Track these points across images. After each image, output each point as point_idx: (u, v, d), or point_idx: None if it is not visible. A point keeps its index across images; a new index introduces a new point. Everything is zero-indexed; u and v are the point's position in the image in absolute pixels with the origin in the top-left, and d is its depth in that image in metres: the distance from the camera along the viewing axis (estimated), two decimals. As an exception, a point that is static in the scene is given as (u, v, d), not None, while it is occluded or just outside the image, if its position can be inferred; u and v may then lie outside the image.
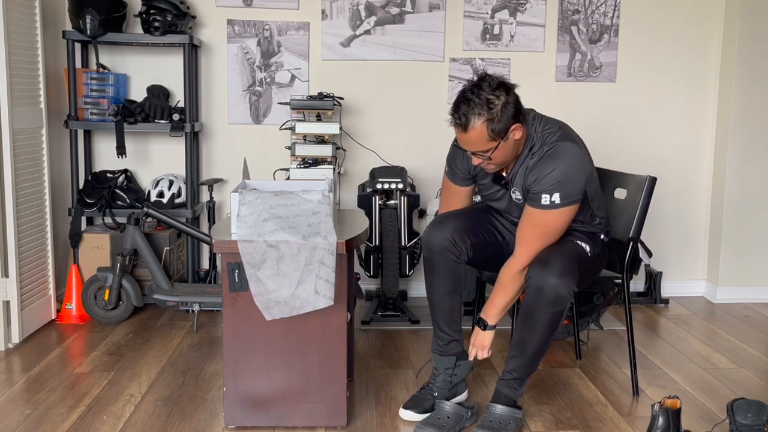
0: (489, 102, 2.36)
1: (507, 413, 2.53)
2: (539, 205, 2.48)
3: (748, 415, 2.37)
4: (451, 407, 2.58)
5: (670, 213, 4.47)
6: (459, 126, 2.41)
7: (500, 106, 2.37)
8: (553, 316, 2.46)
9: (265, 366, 2.55)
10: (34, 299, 3.57)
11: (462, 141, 2.46)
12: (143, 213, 3.74)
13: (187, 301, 3.63)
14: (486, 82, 2.40)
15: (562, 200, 2.46)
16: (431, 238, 2.65)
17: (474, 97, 2.38)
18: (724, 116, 4.31)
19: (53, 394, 2.87)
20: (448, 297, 2.71)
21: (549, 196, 2.46)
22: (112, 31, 3.89)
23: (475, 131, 2.39)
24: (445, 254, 2.63)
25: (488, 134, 2.39)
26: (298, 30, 4.22)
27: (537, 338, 2.49)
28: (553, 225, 2.51)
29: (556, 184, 2.44)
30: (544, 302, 2.43)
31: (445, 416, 2.56)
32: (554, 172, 2.44)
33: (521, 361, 2.54)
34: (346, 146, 4.24)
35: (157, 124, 3.97)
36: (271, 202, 2.47)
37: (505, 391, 2.57)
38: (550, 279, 2.41)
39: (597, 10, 4.29)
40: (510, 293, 2.60)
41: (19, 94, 3.40)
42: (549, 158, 2.47)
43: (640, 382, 3.05)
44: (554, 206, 2.47)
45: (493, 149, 2.43)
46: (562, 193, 2.45)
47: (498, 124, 2.38)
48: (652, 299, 4.30)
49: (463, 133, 2.42)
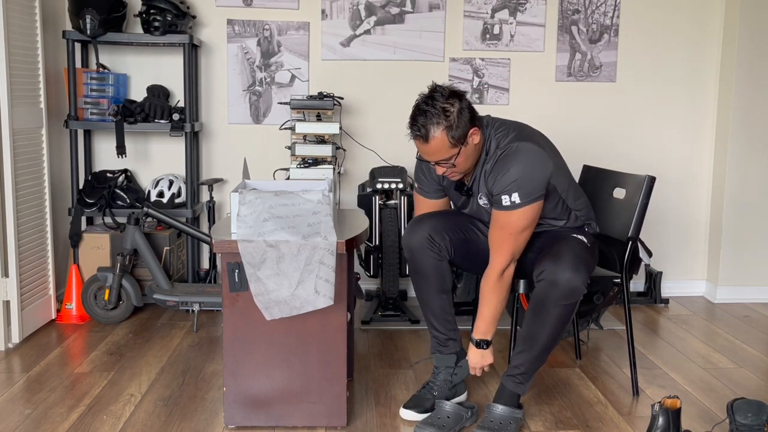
0: (445, 110, 2.42)
1: (507, 413, 2.53)
2: (501, 207, 2.51)
3: (748, 415, 2.37)
4: (451, 407, 2.59)
5: (670, 213, 4.47)
6: (420, 137, 2.45)
7: (456, 112, 2.43)
8: (566, 308, 2.47)
9: (265, 366, 2.55)
10: (34, 299, 3.57)
11: (424, 152, 2.49)
12: (143, 213, 3.74)
13: (187, 301, 3.63)
14: (438, 92, 2.46)
15: (522, 199, 2.49)
16: (410, 239, 2.66)
17: (429, 107, 2.43)
18: (724, 116, 4.31)
19: (53, 394, 2.87)
20: (437, 296, 2.71)
21: (508, 197, 2.49)
22: (112, 31, 3.89)
23: (435, 140, 2.43)
24: (426, 252, 2.64)
25: (449, 141, 2.44)
26: (298, 30, 4.22)
27: (548, 332, 2.50)
28: (518, 225, 2.52)
29: (513, 184, 2.48)
30: (557, 295, 2.44)
31: (445, 416, 2.56)
32: (509, 172, 2.49)
33: (530, 356, 2.55)
34: (346, 146, 4.24)
35: (157, 124, 3.97)
36: (271, 202, 2.47)
37: (510, 386, 2.57)
38: (564, 272, 2.43)
39: (597, 10, 4.29)
40: (494, 303, 2.60)
41: (19, 94, 3.40)
42: (503, 160, 2.52)
43: (640, 382, 3.05)
44: (515, 206, 2.49)
45: (455, 155, 2.47)
46: (521, 192, 2.48)
47: (457, 130, 2.43)
48: (652, 299, 4.30)
49: (424, 143, 2.46)
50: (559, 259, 2.46)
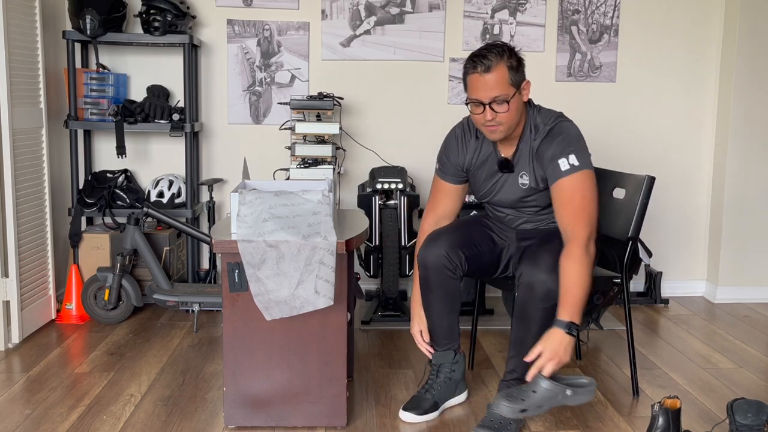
0: (509, 50, 2.47)
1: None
2: (561, 173, 2.48)
3: (748, 415, 2.37)
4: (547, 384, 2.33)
5: (670, 213, 4.47)
6: (480, 67, 2.44)
7: (516, 58, 2.48)
8: (546, 311, 2.45)
9: (265, 366, 2.55)
10: (34, 299, 3.57)
11: (481, 86, 2.46)
12: (143, 213, 3.74)
13: (187, 301, 3.63)
14: (497, 42, 2.52)
15: (579, 161, 2.48)
16: (426, 256, 2.62)
17: (492, 47, 2.47)
18: (724, 116, 4.31)
19: (53, 394, 2.87)
20: (446, 317, 2.68)
21: (566, 160, 2.48)
22: (112, 31, 3.89)
23: (497, 72, 2.43)
24: (442, 271, 2.60)
25: (509, 77, 2.45)
26: (298, 30, 4.22)
27: (534, 335, 2.48)
28: (583, 188, 2.47)
29: (568, 148, 2.49)
30: (535, 299, 2.44)
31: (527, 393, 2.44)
32: (563, 136, 2.51)
33: (520, 360, 2.54)
34: (346, 146, 4.24)
35: (157, 124, 3.97)
36: (271, 202, 2.47)
37: None
38: (539, 275, 2.43)
39: (597, 10, 4.29)
40: (584, 283, 2.40)
41: (19, 94, 3.40)
42: (554, 131, 2.53)
43: (640, 382, 3.05)
44: (575, 168, 2.47)
45: (511, 96, 2.45)
46: (578, 155, 2.49)
47: (516, 72, 2.47)
48: (652, 299, 4.30)
49: (484, 74, 2.44)
50: (537, 261, 2.46)
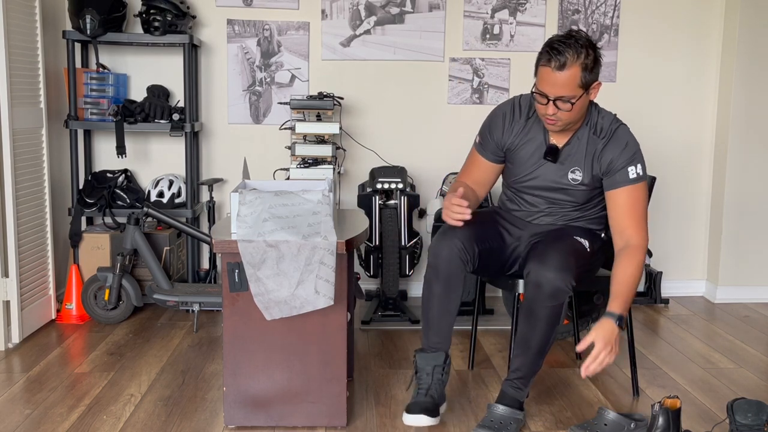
0: (587, 48, 2.42)
1: (508, 413, 2.53)
2: (629, 180, 2.53)
3: (748, 415, 2.37)
4: (615, 416, 2.45)
5: (670, 213, 4.47)
6: (555, 62, 2.40)
7: (593, 57, 2.44)
8: (553, 310, 2.45)
9: (265, 366, 2.55)
10: (34, 299, 3.57)
11: (550, 82, 2.43)
12: (143, 213, 3.74)
13: (187, 301, 3.63)
14: (578, 33, 2.45)
15: (643, 172, 2.54)
16: (440, 244, 2.56)
17: (572, 41, 2.40)
18: (724, 116, 4.31)
19: (53, 394, 2.87)
20: (445, 315, 2.60)
21: (635, 168, 2.53)
22: (112, 31, 3.89)
23: (570, 72, 2.40)
24: (455, 261, 2.54)
25: (580, 79, 2.42)
26: (298, 30, 4.22)
27: (539, 334, 2.49)
28: (645, 197, 2.56)
29: (635, 156, 2.54)
30: (542, 297, 2.43)
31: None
32: (629, 146, 2.55)
33: (525, 360, 2.54)
34: (346, 146, 4.24)
35: (157, 124, 3.97)
36: (271, 202, 2.47)
37: (510, 392, 2.56)
38: (547, 273, 2.42)
39: (597, 10, 4.29)
40: (636, 282, 2.54)
41: (19, 94, 3.40)
42: (618, 136, 2.55)
43: (640, 382, 3.05)
44: (641, 178, 2.54)
45: (578, 98, 2.44)
46: (642, 165, 2.55)
47: (589, 73, 2.44)
48: (652, 299, 4.30)
49: (557, 71, 2.40)
50: (545, 259, 2.45)
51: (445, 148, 4.30)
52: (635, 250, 2.53)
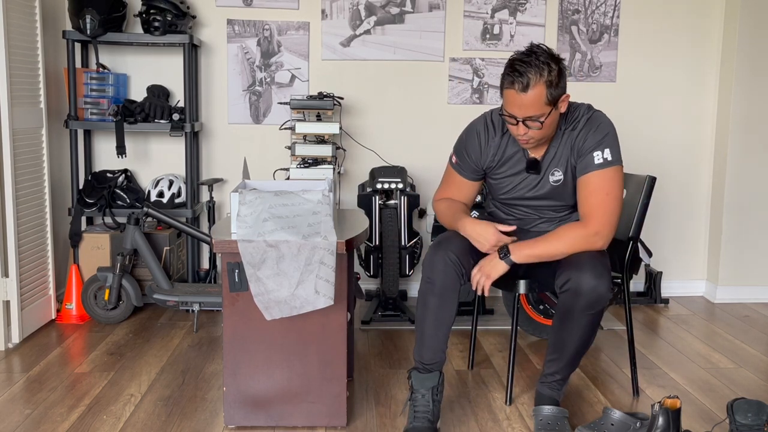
0: (549, 65, 2.39)
1: (556, 412, 2.55)
2: (594, 166, 2.49)
3: (748, 415, 2.37)
4: (620, 416, 2.45)
5: (670, 213, 4.47)
6: (519, 85, 2.38)
7: (557, 71, 2.41)
8: (593, 317, 2.46)
9: (265, 366, 2.55)
10: (34, 299, 3.57)
11: (517, 104, 2.41)
12: (143, 213, 3.74)
13: (187, 301, 3.63)
14: (539, 49, 2.43)
15: (612, 157, 2.49)
16: (435, 257, 2.53)
17: (532, 59, 2.38)
18: (724, 116, 4.31)
19: (53, 394, 2.87)
20: (440, 328, 2.54)
21: (601, 153, 2.49)
22: (112, 30, 3.89)
23: (534, 92, 2.38)
24: (450, 273, 2.51)
25: (546, 97, 2.40)
26: (298, 30, 4.22)
27: (578, 340, 2.49)
28: (612, 185, 2.48)
29: (604, 140, 2.49)
30: (583, 304, 2.42)
31: (609, 423, 2.47)
32: (599, 128, 2.51)
33: (562, 363, 2.56)
34: (346, 146, 4.24)
35: (157, 124, 3.97)
36: (271, 202, 2.47)
37: (548, 393, 2.60)
38: (589, 281, 2.39)
39: (597, 10, 4.29)
40: (559, 246, 2.47)
41: (19, 94, 3.40)
42: (589, 122, 2.53)
43: (640, 382, 3.05)
44: (608, 163, 2.48)
45: (546, 115, 2.42)
46: (611, 150, 2.50)
47: (555, 89, 2.41)
48: (652, 299, 4.30)
49: (521, 94, 2.39)
50: (582, 267, 2.41)
51: (445, 148, 4.29)
52: (581, 227, 2.48)
